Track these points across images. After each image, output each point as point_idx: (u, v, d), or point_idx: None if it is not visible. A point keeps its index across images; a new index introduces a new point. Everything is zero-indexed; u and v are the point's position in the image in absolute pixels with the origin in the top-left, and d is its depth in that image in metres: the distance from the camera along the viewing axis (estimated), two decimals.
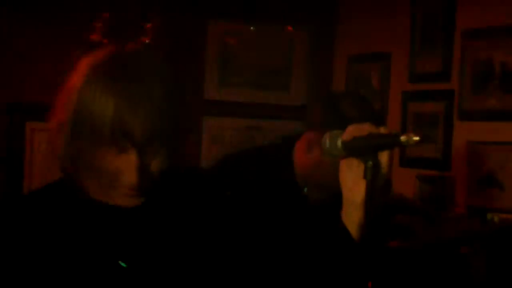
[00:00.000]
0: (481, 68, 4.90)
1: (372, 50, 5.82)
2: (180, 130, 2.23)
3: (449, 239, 4.58)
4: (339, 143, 2.09)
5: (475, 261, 4.37)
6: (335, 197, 2.50)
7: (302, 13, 6.01)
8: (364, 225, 2.15)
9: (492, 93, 4.87)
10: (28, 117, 5.38)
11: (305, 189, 3.41)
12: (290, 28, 6.05)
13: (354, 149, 2.10)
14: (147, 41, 5.36)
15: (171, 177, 2.23)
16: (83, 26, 5.28)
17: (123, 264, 2.22)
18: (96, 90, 2.07)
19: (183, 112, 2.26)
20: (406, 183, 5.12)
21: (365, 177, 2.08)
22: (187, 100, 2.34)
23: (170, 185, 2.26)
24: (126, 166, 2.08)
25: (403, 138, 1.99)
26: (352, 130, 2.08)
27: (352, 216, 2.16)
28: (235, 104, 5.66)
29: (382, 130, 2.10)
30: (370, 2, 5.95)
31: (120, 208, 2.20)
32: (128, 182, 2.09)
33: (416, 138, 1.98)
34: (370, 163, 2.06)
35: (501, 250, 4.42)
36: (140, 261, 2.26)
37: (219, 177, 3.07)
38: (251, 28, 5.93)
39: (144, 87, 2.11)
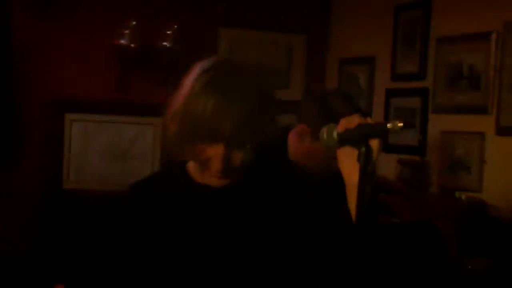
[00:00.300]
0: (451, 69, 5.09)
1: (360, 54, 5.97)
2: (267, 131, 2.41)
3: (425, 214, 4.69)
4: (334, 135, 2.20)
5: (447, 233, 4.47)
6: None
7: (300, 21, 6.14)
8: (361, 203, 2.21)
9: (461, 91, 5.04)
10: (67, 109, 5.50)
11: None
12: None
13: (348, 139, 2.20)
14: (167, 45, 5.49)
15: (256, 165, 2.41)
16: (113, 33, 5.41)
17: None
18: (201, 93, 2.27)
19: (271, 115, 2.47)
20: (388, 167, 5.23)
21: (359, 160, 2.17)
22: (277, 106, 2.53)
23: (252, 171, 2.43)
24: (214, 155, 2.27)
25: (389, 125, 2.12)
26: (345, 123, 2.19)
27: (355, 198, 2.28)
28: None
29: (369, 120, 2.21)
30: (359, 13, 6.04)
31: (210, 187, 2.41)
32: (215, 168, 2.30)
33: (400, 124, 2.09)
34: (363, 149, 2.15)
35: (469, 222, 4.55)
36: (220, 230, 2.46)
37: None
38: (257, 34, 5.99)
39: (238, 92, 2.29)
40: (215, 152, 2.28)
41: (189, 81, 2.33)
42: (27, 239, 5.39)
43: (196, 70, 2.33)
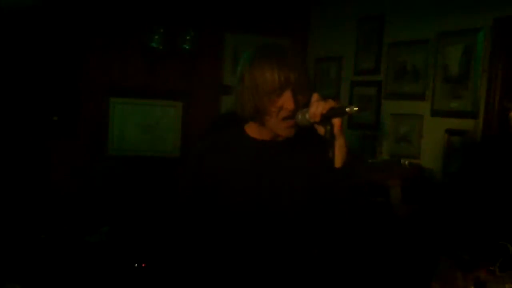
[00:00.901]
0: (399, 67, 5.31)
1: (331, 54, 6.10)
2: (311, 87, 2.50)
3: (377, 175, 4.88)
4: (306, 116, 2.35)
5: (393, 190, 4.72)
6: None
7: (285, 28, 6.20)
8: (331, 165, 2.38)
9: (405, 83, 5.25)
10: (111, 94, 5.68)
11: None
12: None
13: (317, 121, 2.33)
14: (186, 47, 5.66)
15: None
16: (146, 37, 5.62)
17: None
18: (263, 63, 2.41)
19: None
20: (352, 140, 5.44)
21: (325, 136, 2.31)
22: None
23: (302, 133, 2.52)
24: (286, 99, 2.39)
25: (348, 109, 2.26)
26: (316, 107, 2.32)
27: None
28: None
29: (331, 103, 2.31)
30: (331, 23, 6.15)
31: (265, 141, 2.55)
32: (289, 108, 2.39)
33: (356, 108, 2.23)
34: (328, 127, 2.30)
35: (410, 182, 4.78)
36: (271, 171, 2.57)
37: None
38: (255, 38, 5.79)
39: (288, 55, 2.42)
40: (287, 96, 2.40)
41: (246, 62, 2.47)
42: (82, 188, 5.50)
43: (246, 56, 2.50)
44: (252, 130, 2.61)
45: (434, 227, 3.87)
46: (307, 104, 2.38)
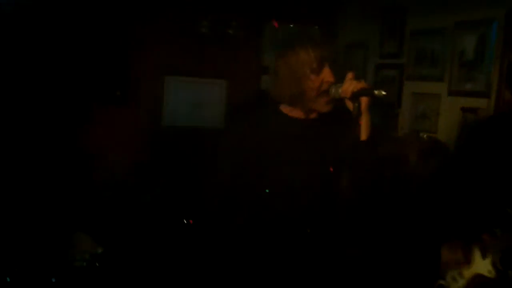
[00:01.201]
0: (419, 52, 5.30)
1: (359, 40, 6.09)
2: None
3: (400, 148, 4.79)
4: (339, 91, 2.39)
5: (413, 159, 4.60)
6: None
7: (316, 16, 6.18)
8: (357, 138, 2.41)
9: (425, 66, 5.24)
10: (166, 73, 5.73)
11: None
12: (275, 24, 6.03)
13: (347, 97, 2.36)
14: (231, 32, 5.78)
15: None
16: (198, 24, 5.75)
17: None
18: (297, 46, 2.46)
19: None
20: (376, 117, 5.40)
21: (353, 111, 2.36)
22: None
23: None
24: (325, 74, 2.44)
25: (376, 92, 2.33)
26: (349, 84, 2.35)
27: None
28: None
29: (363, 84, 2.36)
30: (357, 12, 6.15)
31: (298, 119, 2.59)
32: (329, 81, 2.43)
33: (384, 93, 2.32)
34: (356, 104, 2.35)
35: (428, 151, 4.60)
36: (303, 144, 2.58)
37: None
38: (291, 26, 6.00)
39: (317, 37, 2.52)
40: (326, 71, 2.45)
41: (280, 52, 2.55)
42: (139, 156, 5.53)
43: (278, 47, 2.60)
44: (286, 108, 2.63)
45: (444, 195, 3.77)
46: (340, 80, 2.41)
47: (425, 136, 5.09)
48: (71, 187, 4.75)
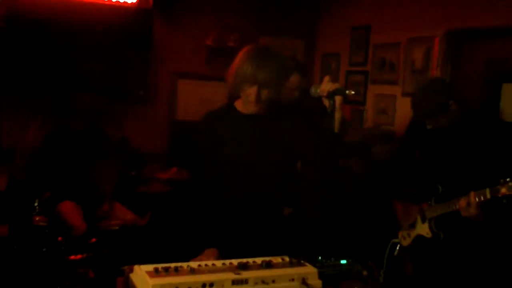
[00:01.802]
0: (380, 61, 5.32)
1: (333, 51, 6.00)
2: (281, 82, 2.52)
3: (366, 136, 4.88)
4: (318, 90, 2.33)
5: (375, 144, 4.62)
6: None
7: (300, 31, 6.10)
8: (331, 129, 2.33)
9: (384, 72, 5.21)
10: (179, 77, 5.58)
11: None
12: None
13: (324, 95, 2.32)
14: (232, 44, 5.50)
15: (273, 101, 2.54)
16: (205, 37, 5.59)
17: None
18: (244, 62, 2.46)
19: (285, 74, 2.59)
20: (346, 112, 5.06)
21: (328, 108, 2.30)
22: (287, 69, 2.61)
23: (271, 105, 2.55)
24: (251, 92, 2.46)
25: (347, 91, 2.31)
26: (326, 85, 2.29)
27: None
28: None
29: (337, 85, 2.31)
30: (332, 27, 6.02)
31: (248, 114, 2.57)
32: (252, 99, 2.46)
33: (353, 92, 2.32)
34: (332, 102, 2.30)
35: (387, 139, 4.67)
36: (252, 136, 2.56)
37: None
38: (280, 39, 5.91)
39: (266, 59, 2.43)
40: (252, 90, 2.44)
41: (239, 56, 2.53)
42: (160, 143, 5.49)
43: (241, 52, 2.53)
44: (240, 105, 2.61)
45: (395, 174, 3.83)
46: (320, 82, 2.37)
47: (384, 128, 5.17)
48: (109, 167, 4.59)
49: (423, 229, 3.21)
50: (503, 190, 2.62)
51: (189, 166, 4.62)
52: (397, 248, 3.40)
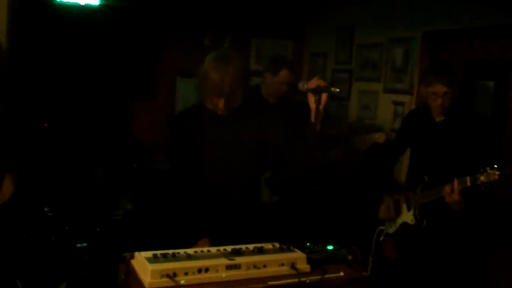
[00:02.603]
0: (363, 60, 5.30)
1: (320, 51, 5.97)
2: (244, 87, 2.50)
3: (350, 129, 4.71)
4: (306, 86, 2.34)
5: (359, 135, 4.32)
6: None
7: (289, 32, 6.07)
8: (315, 123, 2.33)
9: (367, 71, 5.25)
10: (180, 75, 5.50)
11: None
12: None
13: (311, 91, 2.33)
14: (226, 45, 5.53)
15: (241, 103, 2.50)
16: (201, 38, 5.54)
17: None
18: (211, 68, 2.40)
19: (246, 78, 2.67)
20: (333, 107, 5.44)
21: (314, 102, 2.30)
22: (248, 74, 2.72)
23: (239, 106, 2.50)
24: (218, 103, 2.43)
25: (332, 89, 2.32)
26: (314, 82, 2.31)
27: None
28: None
29: (323, 83, 2.32)
30: (319, 28, 5.99)
31: (217, 113, 2.51)
32: (221, 108, 2.45)
33: (338, 90, 2.32)
34: (317, 97, 2.31)
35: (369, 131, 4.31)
36: (221, 133, 2.53)
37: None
38: (271, 40, 5.91)
39: (230, 66, 2.39)
40: (221, 102, 2.43)
41: (209, 61, 2.46)
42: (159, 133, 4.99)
43: (211, 56, 2.47)
44: (209, 104, 2.55)
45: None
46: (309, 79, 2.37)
47: (367, 122, 5.15)
48: (115, 161, 4.63)
49: (408, 216, 3.23)
50: (482, 178, 2.70)
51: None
52: (382, 234, 3.41)
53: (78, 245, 3.59)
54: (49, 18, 4.75)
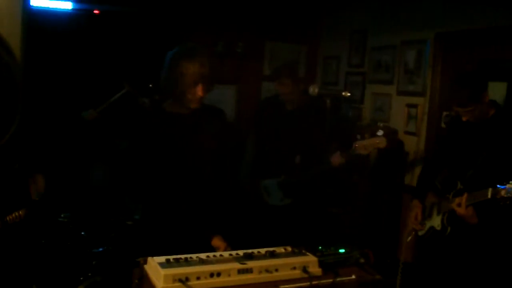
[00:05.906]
0: (376, 63, 5.31)
1: (334, 54, 5.98)
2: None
3: (364, 132, 4.34)
4: (315, 90, 2.62)
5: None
6: None
7: (304, 36, 6.10)
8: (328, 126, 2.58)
9: (380, 73, 5.21)
10: None
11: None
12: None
13: (324, 95, 2.54)
14: (239, 50, 5.54)
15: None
16: (214, 44, 5.51)
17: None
18: (189, 63, 2.38)
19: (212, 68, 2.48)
20: (347, 110, 5.50)
21: (327, 106, 2.57)
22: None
23: (201, 106, 2.53)
24: (198, 89, 2.43)
25: (343, 93, 2.63)
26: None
27: None
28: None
29: (333, 88, 2.77)
30: (333, 33, 6.01)
31: (179, 114, 2.54)
32: (187, 101, 2.44)
33: (349, 94, 2.60)
34: (328, 101, 2.58)
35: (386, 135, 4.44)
36: (183, 133, 2.52)
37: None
38: (286, 44, 5.96)
39: (199, 58, 2.40)
40: (199, 87, 2.43)
41: (177, 57, 2.44)
42: None
43: (177, 52, 2.46)
44: (169, 106, 2.58)
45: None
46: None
47: (381, 124, 4.92)
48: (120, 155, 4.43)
49: (436, 221, 3.16)
50: (503, 192, 2.53)
51: None
52: (412, 235, 3.34)
53: (94, 250, 3.62)
54: (59, 26, 4.79)
